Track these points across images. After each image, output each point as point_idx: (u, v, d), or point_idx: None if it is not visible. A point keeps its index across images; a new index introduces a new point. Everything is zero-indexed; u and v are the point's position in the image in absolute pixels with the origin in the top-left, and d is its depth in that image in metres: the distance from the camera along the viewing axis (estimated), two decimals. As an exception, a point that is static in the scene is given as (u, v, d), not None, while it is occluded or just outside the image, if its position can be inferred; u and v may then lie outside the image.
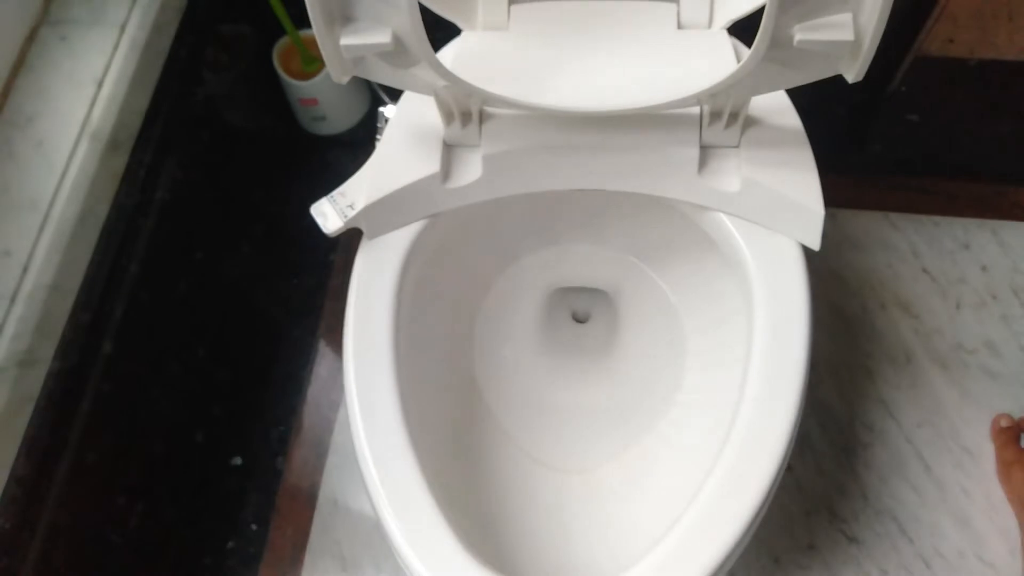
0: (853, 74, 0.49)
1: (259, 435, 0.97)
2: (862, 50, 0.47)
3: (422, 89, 0.57)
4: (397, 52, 0.51)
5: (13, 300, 0.68)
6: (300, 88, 1.01)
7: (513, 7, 0.63)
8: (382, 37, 0.49)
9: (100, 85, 0.77)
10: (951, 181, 1.01)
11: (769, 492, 0.53)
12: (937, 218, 0.98)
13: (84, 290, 0.73)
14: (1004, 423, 0.87)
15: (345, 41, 0.49)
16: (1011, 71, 1.01)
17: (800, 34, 0.47)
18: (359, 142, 1.05)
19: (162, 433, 0.85)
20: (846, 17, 0.46)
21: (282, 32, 0.99)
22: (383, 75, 0.54)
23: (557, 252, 0.78)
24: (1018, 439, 0.86)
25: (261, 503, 0.93)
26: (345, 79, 0.53)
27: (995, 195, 0.99)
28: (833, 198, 1.00)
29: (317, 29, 0.48)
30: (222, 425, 0.93)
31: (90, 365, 0.74)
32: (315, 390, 0.97)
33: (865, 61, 0.48)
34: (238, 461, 0.94)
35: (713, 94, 0.54)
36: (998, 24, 0.97)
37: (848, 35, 0.46)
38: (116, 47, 0.79)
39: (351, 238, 0.63)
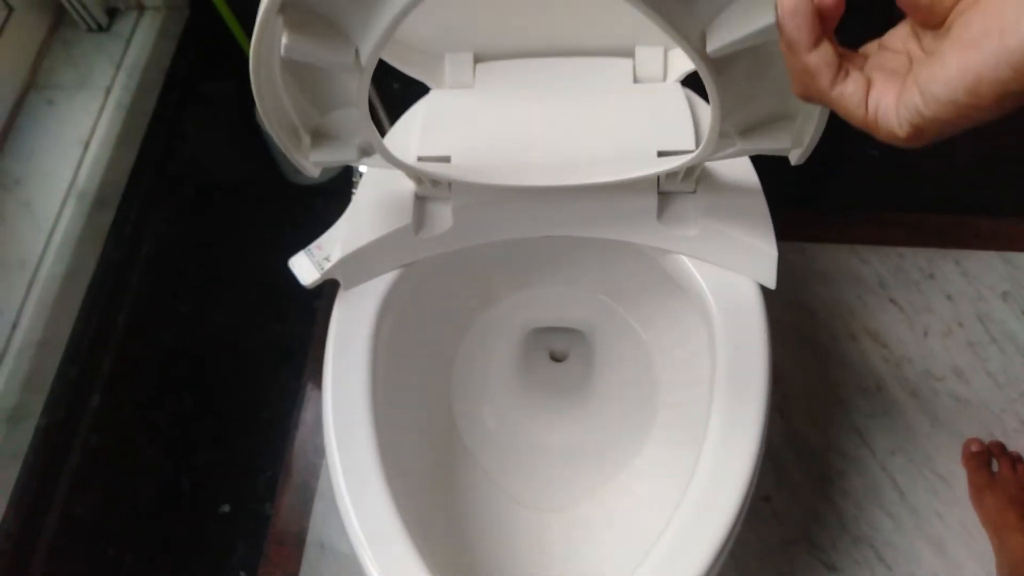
0: (795, 159, 0.51)
1: (246, 482, 0.98)
2: (802, 147, 0.49)
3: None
4: (362, 155, 0.54)
5: (2, 358, 0.70)
6: (282, 141, 1.04)
7: (479, 65, 0.66)
8: (349, 154, 0.52)
9: (87, 146, 0.80)
10: (914, 213, 1.04)
11: (735, 522, 0.55)
12: (902, 249, 1.01)
13: (72, 344, 0.75)
14: (975, 448, 0.89)
15: (314, 158, 0.52)
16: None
17: (741, 144, 0.49)
18: (341, 190, 1.08)
19: (150, 483, 0.87)
20: (786, 124, 0.48)
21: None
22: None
23: (531, 294, 0.81)
24: (989, 463, 0.88)
25: (249, 549, 0.93)
26: (316, 173, 0.55)
27: (956, 225, 1.03)
28: (801, 233, 1.04)
29: (286, 151, 0.51)
30: (210, 473, 0.95)
31: (78, 419, 0.76)
32: (301, 435, 0.99)
33: (807, 151, 0.49)
34: (226, 508, 0.95)
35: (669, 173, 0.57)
36: (953, 61, 1.01)
37: (786, 143, 0.48)
38: (102, 109, 0.82)
39: (333, 286, 0.66)
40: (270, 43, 0.40)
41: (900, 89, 0.30)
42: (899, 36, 0.33)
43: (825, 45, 0.32)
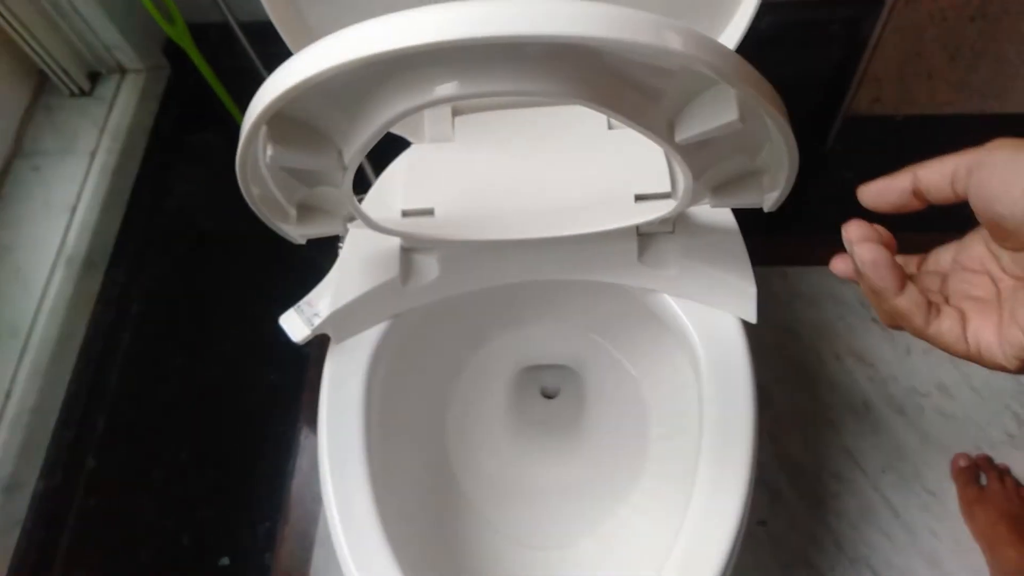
0: (767, 207, 0.52)
1: (246, 532, 0.98)
2: (774, 196, 0.50)
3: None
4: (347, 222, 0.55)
5: (-4, 427, 0.71)
6: (267, 191, 1.05)
7: (457, 119, 0.68)
8: (335, 227, 0.53)
9: (73, 211, 0.81)
10: (891, 233, 1.06)
11: (732, 551, 0.56)
12: (881, 269, 1.03)
13: (66, 408, 0.76)
14: (963, 463, 0.90)
15: (301, 232, 0.53)
16: (934, 125, 1.08)
17: (712, 200, 0.50)
18: (328, 239, 1.10)
19: (150, 541, 0.87)
20: (755, 180, 0.49)
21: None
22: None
23: (520, 334, 0.82)
24: (977, 478, 0.90)
25: (251, 602, 0.93)
26: (303, 243, 0.57)
27: (932, 244, 1.04)
28: (782, 257, 1.06)
29: (272, 226, 0.52)
30: (208, 526, 0.95)
31: (74, 482, 0.76)
32: (299, 483, 0.99)
33: (778, 201, 0.50)
34: (226, 561, 0.95)
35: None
36: (919, 82, 1.04)
37: (757, 199, 0.49)
38: (88, 173, 0.83)
39: (325, 335, 0.67)
40: (255, 150, 0.41)
41: (998, 324, 0.30)
42: (976, 255, 0.34)
43: (911, 288, 0.32)
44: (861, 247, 0.31)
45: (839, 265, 0.34)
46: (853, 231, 0.32)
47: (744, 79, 0.34)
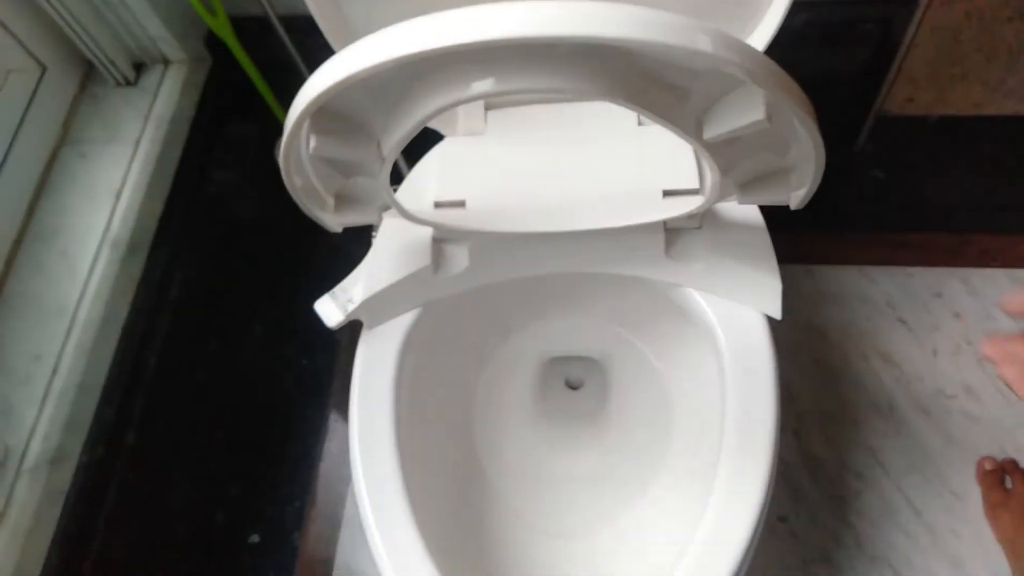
0: (794, 205, 0.53)
1: (275, 512, 1.01)
2: (800, 194, 0.51)
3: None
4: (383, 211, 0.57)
5: (44, 401, 0.74)
6: (302, 181, 1.08)
7: (489, 113, 0.69)
8: (371, 216, 0.55)
9: (118, 196, 0.84)
10: (920, 233, 1.06)
11: (749, 546, 0.57)
12: (910, 269, 1.03)
13: (108, 386, 0.79)
14: (988, 466, 0.90)
15: (339, 220, 0.55)
16: (968, 126, 1.07)
17: (740, 197, 0.51)
18: (363, 228, 1.12)
19: (184, 517, 0.90)
20: (782, 177, 0.50)
21: (283, 128, 1.06)
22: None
23: (547, 326, 0.83)
24: (1003, 481, 0.90)
25: (279, 579, 0.96)
26: (339, 231, 0.59)
27: (962, 244, 1.04)
28: (809, 255, 1.06)
29: (311, 214, 0.54)
30: (240, 505, 0.98)
31: (115, 457, 0.79)
32: (327, 466, 1.02)
33: (805, 199, 0.51)
34: (256, 539, 0.98)
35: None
36: (953, 82, 1.03)
37: (783, 196, 0.50)
38: (132, 160, 0.86)
39: (357, 322, 0.69)
40: (299, 143, 0.43)
41: None
42: None
43: None
44: None
45: None
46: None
47: (771, 81, 0.35)
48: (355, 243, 0.72)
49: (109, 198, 0.83)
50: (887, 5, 0.93)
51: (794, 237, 0.63)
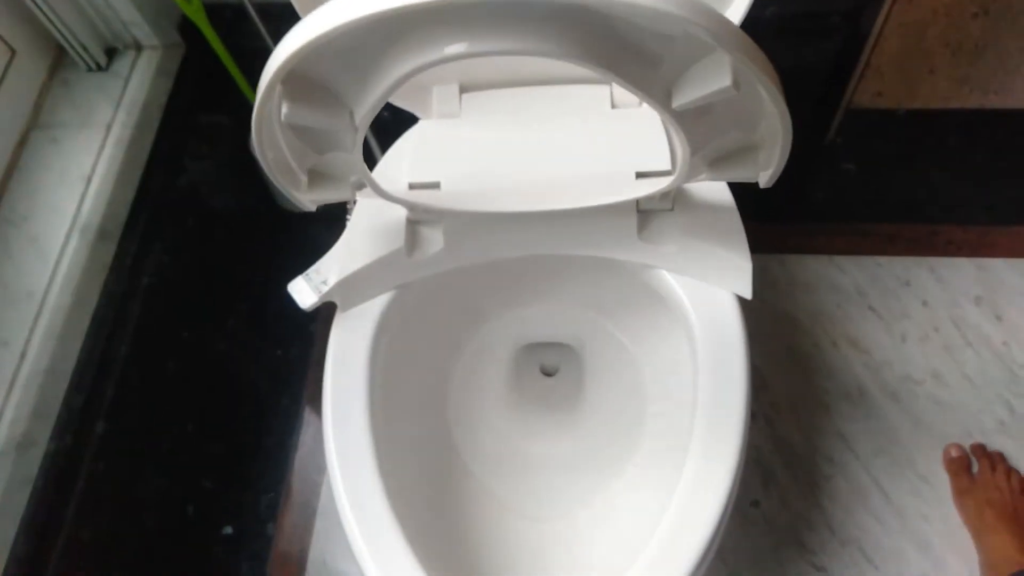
0: (763, 183, 0.53)
1: (249, 504, 1.00)
2: (769, 171, 0.52)
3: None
4: (357, 190, 0.57)
5: (11, 387, 0.73)
6: (277, 170, 1.07)
7: (464, 95, 0.69)
8: (344, 193, 0.55)
9: (89, 181, 0.83)
10: (889, 224, 1.08)
11: (719, 525, 0.58)
12: (879, 258, 1.05)
13: (77, 373, 0.78)
14: (954, 453, 0.92)
15: (312, 198, 0.55)
16: (936, 119, 1.09)
17: (710, 174, 0.52)
18: (335, 215, 1.11)
19: (155, 508, 0.89)
20: (751, 154, 0.51)
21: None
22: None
23: (522, 311, 0.84)
24: (969, 468, 0.91)
25: (253, 570, 0.95)
26: (313, 209, 0.59)
27: (929, 234, 1.06)
28: (780, 245, 1.08)
29: (285, 192, 0.53)
30: (213, 496, 0.97)
31: (84, 445, 0.78)
32: (302, 456, 1.01)
33: (774, 176, 0.52)
34: (229, 531, 0.97)
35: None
36: (920, 76, 1.05)
37: (752, 172, 0.51)
38: (103, 145, 0.85)
39: (330, 309, 0.69)
40: (271, 109, 0.43)
41: None
42: None
43: None
44: None
45: None
46: None
47: (736, 45, 0.36)
48: (329, 234, 0.72)
49: (80, 183, 0.82)
50: (855, -2, 0.95)
51: (767, 228, 0.64)
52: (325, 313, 0.69)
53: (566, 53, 0.35)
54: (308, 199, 0.56)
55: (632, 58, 0.37)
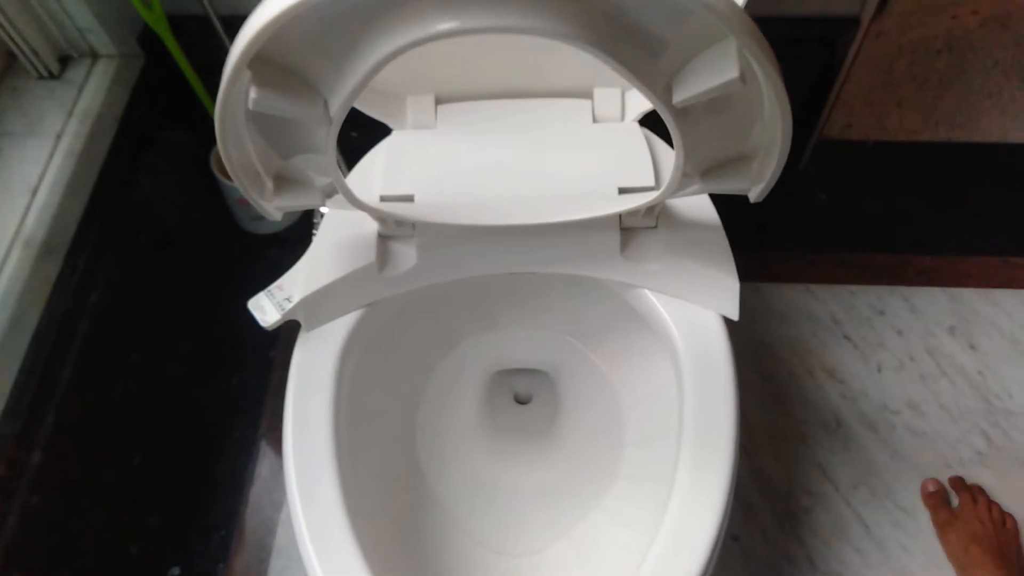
0: (754, 197, 0.52)
1: (198, 542, 0.93)
2: (761, 185, 0.50)
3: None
4: (326, 198, 0.53)
5: (-63, 413, 0.66)
6: (236, 190, 1.03)
7: (440, 107, 0.67)
8: (313, 199, 0.52)
9: (34, 193, 0.78)
10: (862, 253, 1.08)
11: (708, 562, 0.54)
12: (853, 287, 1.04)
13: (13, 398, 0.72)
14: (931, 488, 0.90)
15: (278, 204, 0.52)
16: (904, 151, 1.11)
17: (702, 184, 0.50)
18: (297, 239, 1.07)
19: (96, 546, 0.82)
20: (744, 165, 0.49)
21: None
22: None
23: (496, 335, 0.80)
24: (948, 501, 0.90)
25: (201, 615, 0.89)
26: (279, 218, 0.55)
27: (902, 264, 1.06)
28: (756, 273, 1.07)
29: (249, 197, 0.50)
30: (159, 534, 0.90)
31: (18, 478, 0.72)
32: (257, 490, 0.95)
33: (765, 190, 0.51)
34: (176, 572, 0.90)
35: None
36: (888, 110, 1.06)
37: (745, 184, 0.49)
38: (51, 156, 0.80)
39: (291, 333, 0.64)
40: (237, 96, 0.39)
41: None
42: None
43: None
44: None
45: None
46: None
47: (747, 29, 0.33)
48: (290, 258, 0.68)
49: (25, 194, 0.77)
50: (829, 25, 0.96)
51: (741, 256, 0.62)
52: (285, 338, 0.65)
53: (564, 33, 0.32)
54: (273, 206, 0.53)
55: (633, 45, 0.35)
